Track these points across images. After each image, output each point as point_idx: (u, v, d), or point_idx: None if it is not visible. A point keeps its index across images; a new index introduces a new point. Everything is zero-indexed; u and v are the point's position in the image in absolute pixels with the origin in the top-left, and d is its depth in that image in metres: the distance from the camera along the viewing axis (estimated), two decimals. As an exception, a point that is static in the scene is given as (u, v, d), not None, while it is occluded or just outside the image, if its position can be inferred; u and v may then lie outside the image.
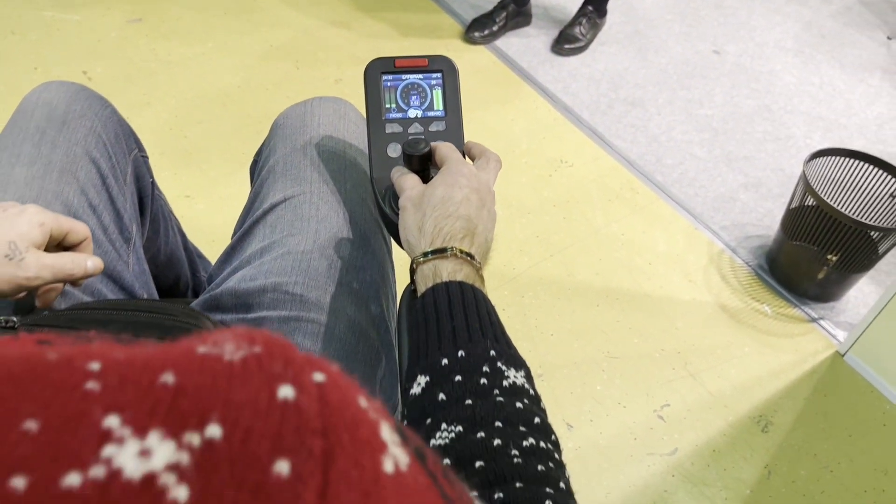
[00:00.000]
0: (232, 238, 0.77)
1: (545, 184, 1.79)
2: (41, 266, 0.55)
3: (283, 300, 0.67)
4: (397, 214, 0.64)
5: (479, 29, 2.19)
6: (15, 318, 0.54)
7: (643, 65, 2.24)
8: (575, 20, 2.26)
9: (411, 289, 0.61)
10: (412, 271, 0.59)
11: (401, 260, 0.69)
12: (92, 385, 0.21)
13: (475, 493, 0.29)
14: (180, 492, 0.19)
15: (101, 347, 0.23)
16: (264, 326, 0.65)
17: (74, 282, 0.60)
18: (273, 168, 0.76)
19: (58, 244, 0.60)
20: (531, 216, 1.70)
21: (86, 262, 0.59)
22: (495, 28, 2.20)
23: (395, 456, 0.23)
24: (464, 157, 0.67)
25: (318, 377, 0.23)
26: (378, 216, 0.72)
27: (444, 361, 0.50)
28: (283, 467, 0.20)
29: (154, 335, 0.56)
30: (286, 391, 0.22)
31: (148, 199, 0.82)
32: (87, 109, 0.74)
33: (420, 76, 0.69)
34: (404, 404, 0.51)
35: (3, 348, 0.23)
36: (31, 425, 0.19)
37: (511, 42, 2.25)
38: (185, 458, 0.19)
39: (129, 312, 0.61)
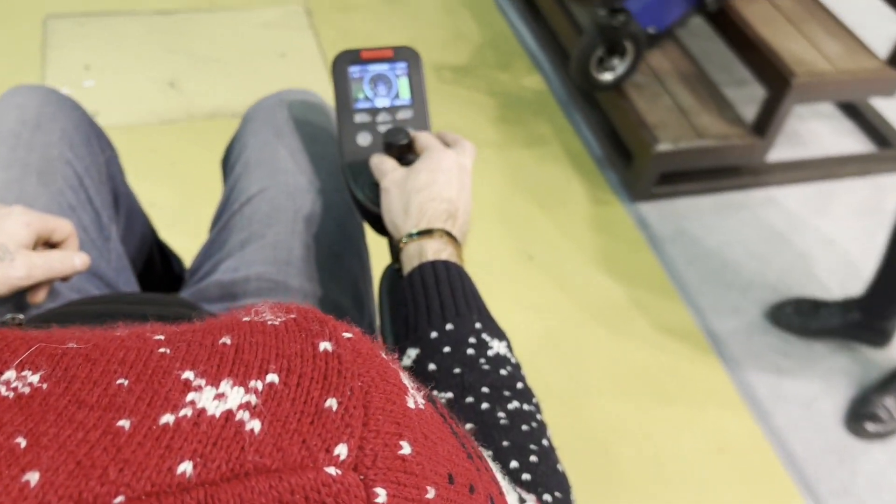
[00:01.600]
0: (210, 232, 0.78)
1: None
2: (32, 265, 0.56)
3: (268, 288, 0.68)
4: (371, 201, 0.67)
5: None
6: (21, 316, 0.56)
7: None
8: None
9: (395, 268, 0.63)
10: (397, 251, 0.61)
11: (375, 244, 0.75)
12: (164, 349, 0.25)
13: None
14: (255, 424, 0.23)
15: (155, 325, 0.28)
16: None
17: (64, 278, 0.61)
18: (247, 161, 0.77)
19: (44, 243, 0.61)
20: None
21: (73, 258, 0.60)
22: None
23: (415, 396, 0.28)
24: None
25: (348, 334, 0.28)
26: (352, 203, 0.73)
27: (434, 334, 0.53)
28: (332, 403, 0.24)
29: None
30: (325, 345, 0.26)
31: (122, 197, 0.83)
32: (58, 112, 0.75)
33: (386, 66, 0.71)
34: None
35: (63, 332, 0.27)
36: (123, 381, 0.24)
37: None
38: (253, 399, 0.24)
39: (128, 305, 0.64)
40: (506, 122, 1.86)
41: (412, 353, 0.53)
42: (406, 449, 0.25)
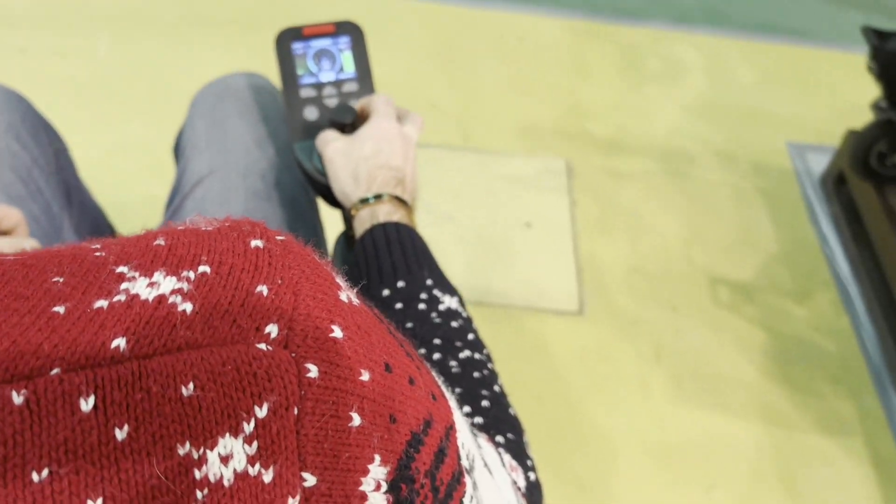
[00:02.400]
0: (164, 217, 0.78)
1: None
2: None
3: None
4: (321, 173, 0.67)
5: None
6: None
7: None
8: None
9: (347, 235, 0.65)
10: (349, 219, 0.62)
11: (329, 218, 0.75)
12: (99, 253, 0.27)
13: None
14: (186, 306, 0.24)
15: (95, 238, 0.29)
16: None
17: None
18: (196, 144, 0.77)
19: None
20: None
21: (23, 244, 0.59)
22: None
23: (349, 294, 0.30)
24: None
25: (280, 237, 0.29)
26: (303, 178, 0.74)
27: (386, 292, 0.55)
28: (262, 289, 0.26)
29: None
30: (256, 242, 0.28)
31: (74, 190, 0.82)
32: (3, 105, 0.75)
33: (329, 41, 0.72)
34: None
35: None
36: (58, 279, 0.25)
37: None
38: (185, 285, 0.25)
39: None
40: (787, 382, 1.39)
41: None
42: (337, 332, 0.26)
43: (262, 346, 0.24)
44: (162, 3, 1.95)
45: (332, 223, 0.74)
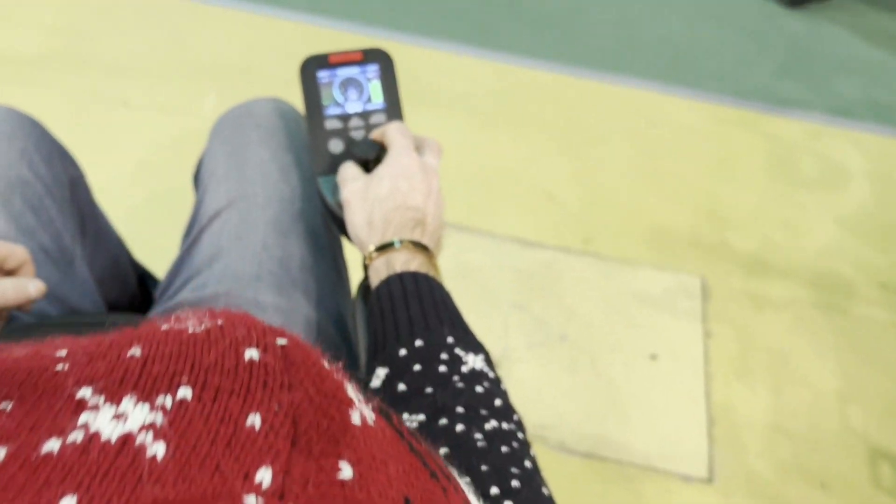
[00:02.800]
0: (180, 249, 0.74)
1: None
2: None
3: (237, 305, 0.64)
4: (342, 209, 0.64)
5: None
6: None
7: None
8: None
9: (366, 284, 0.61)
10: (365, 267, 0.59)
11: (353, 254, 0.70)
12: (61, 367, 0.23)
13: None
14: (158, 448, 0.20)
15: (65, 339, 0.25)
16: None
17: (21, 307, 0.57)
18: (214, 172, 0.74)
19: None
20: None
21: (27, 286, 0.56)
22: None
23: (362, 411, 0.25)
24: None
25: (281, 341, 0.25)
26: (325, 213, 0.70)
27: (403, 352, 0.50)
28: (254, 420, 0.21)
29: None
30: (251, 353, 0.23)
31: (89, 218, 0.80)
32: (17, 130, 0.73)
33: (356, 70, 0.68)
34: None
35: None
36: (5, 405, 0.21)
37: None
38: (159, 418, 0.21)
39: (84, 326, 0.59)
40: None
41: (381, 372, 0.50)
42: (346, 472, 0.22)
43: (252, 499, 0.20)
44: (271, 61, 1.84)
45: (356, 260, 0.69)
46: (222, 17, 2.00)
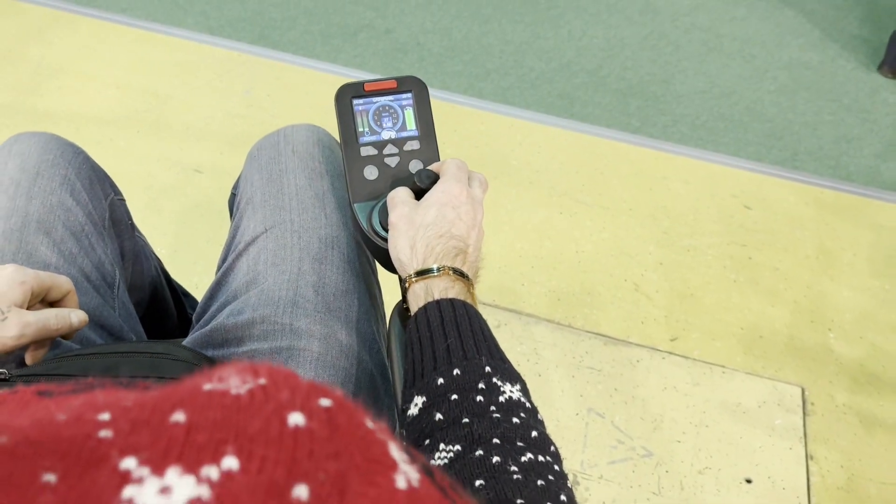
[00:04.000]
0: (216, 274, 0.75)
1: None
2: (24, 325, 0.55)
3: (273, 331, 0.65)
4: (380, 236, 0.65)
5: None
6: (5, 371, 0.53)
7: None
8: None
9: (402, 307, 0.61)
10: (404, 291, 0.59)
11: (386, 281, 0.73)
12: (105, 433, 0.22)
13: None
14: None
15: (107, 397, 0.25)
16: (256, 359, 0.65)
17: (64, 336, 0.59)
18: (251, 199, 0.75)
19: (42, 300, 0.59)
20: None
21: (70, 316, 0.58)
22: None
23: (406, 473, 0.24)
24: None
25: (325, 402, 0.24)
26: (360, 240, 0.71)
27: (440, 381, 0.50)
28: (301, 492, 0.21)
29: (151, 374, 0.57)
30: (296, 418, 0.23)
31: (128, 242, 0.82)
32: (59, 158, 0.74)
33: (390, 98, 0.70)
34: (402, 426, 0.51)
35: (11, 414, 0.25)
36: (50, 478, 0.21)
37: None
38: (205, 491, 0.20)
39: (122, 355, 0.60)
40: None
41: (418, 401, 0.50)
42: None
43: None
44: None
45: (389, 287, 0.69)
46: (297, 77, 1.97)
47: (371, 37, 2.16)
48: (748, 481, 1.25)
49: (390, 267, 0.65)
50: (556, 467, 0.47)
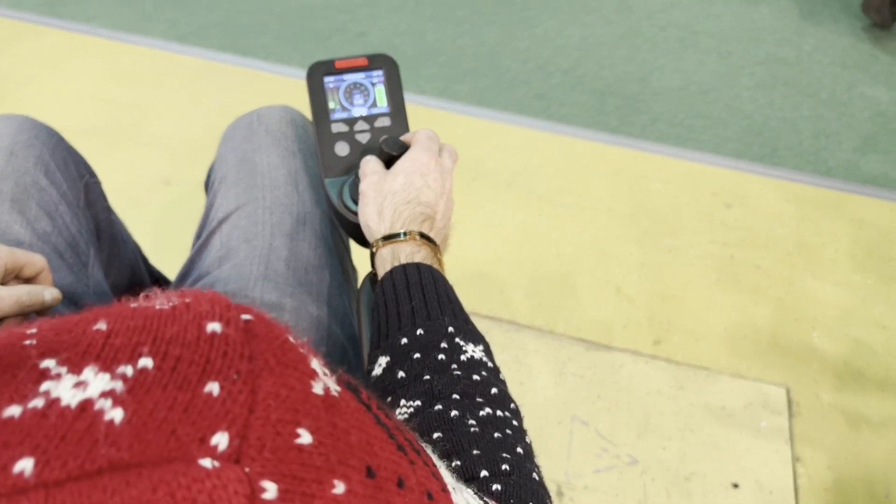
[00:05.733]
0: (191, 251, 0.75)
1: None
2: None
3: (244, 304, 0.53)
4: (351, 210, 0.66)
5: None
6: None
7: None
8: None
9: (372, 274, 0.61)
10: (372, 256, 0.60)
11: (360, 258, 0.74)
12: (29, 342, 0.24)
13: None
14: (115, 413, 0.21)
15: (41, 320, 0.26)
16: None
17: (39, 313, 0.59)
18: (224, 178, 0.76)
19: (16, 277, 0.59)
20: None
21: (43, 293, 0.59)
22: None
23: (326, 383, 0.26)
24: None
25: (246, 316, 0.25)
26: (332, 216, 0.72)
27: (404, 340, 0.51)
28: (213, 388, 0.22)
29: None
30: (213, 326, 0.24)
31: (104, 224, 0.82)
32: (33, 139, 0.75)
33: (362, 75, 0.70)
34: (367, 387, 0.46)
35: None
36: None
37: None
38: (119, 385, 0.22)
39: None
40: None
41: (382, 361, 0.51)
42: (305, 437, 0.23)
43: (207, 462, 0.21)
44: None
45: (362, 263, 0.70)
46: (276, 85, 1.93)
47: (344, 40, 2.13)
48: (735, 486, 1.23)
49: (362, 241, 0.67)
50: (515, 423, 0.48)
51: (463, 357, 0.50)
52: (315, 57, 0.73)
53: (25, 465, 0.19)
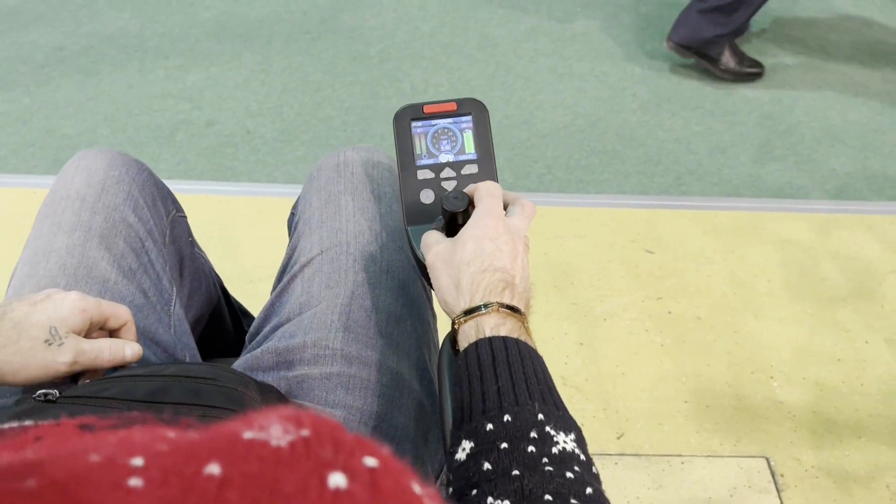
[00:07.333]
0: (271, 294, 0.75)
1: None
2: (78, 352, 0.57)
3: (324, 356, 0.66)
4: None
5: None
6: (54, 392, 0.54)
7: None
8: None
9: (452, 336, 0.59)
10: (454, 334, 0.57)
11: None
12: (135, 482, 0.22)
13: None
14: None
15: (144, 436, 0.25)
16: (306, 384, 0.66)
17: (116, 368, 0.59)
18: (309, 221, 0.76)
19: (100, 328, 0.61)
20: None
21: (124, 349, 0.60)
22: None
23: None
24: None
25: (370, 462, 0.23)
26: (414, 264, 0.70)
27: (490, 427, 0.49)
28: None
29: (194, 402, 0.56)
30: (337, 479, 0.22)
31: (187, 259, 0.82)
32: (124, 174, 0.75)
33: (450, 120, 0.70)
34: (449, 468, 0.51)
35: (49, 450, 0.26)
36: None
37: None
38: None
39: (168, 378, 0.60)
40: None
41: (466, 445, 0.49)
42: None
43: None
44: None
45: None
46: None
47: (191, 134, 1.86)
48: None
49: None
50: None
51: (554, 450, 0.47)
52: (161, 160, 0.55)
53: None
